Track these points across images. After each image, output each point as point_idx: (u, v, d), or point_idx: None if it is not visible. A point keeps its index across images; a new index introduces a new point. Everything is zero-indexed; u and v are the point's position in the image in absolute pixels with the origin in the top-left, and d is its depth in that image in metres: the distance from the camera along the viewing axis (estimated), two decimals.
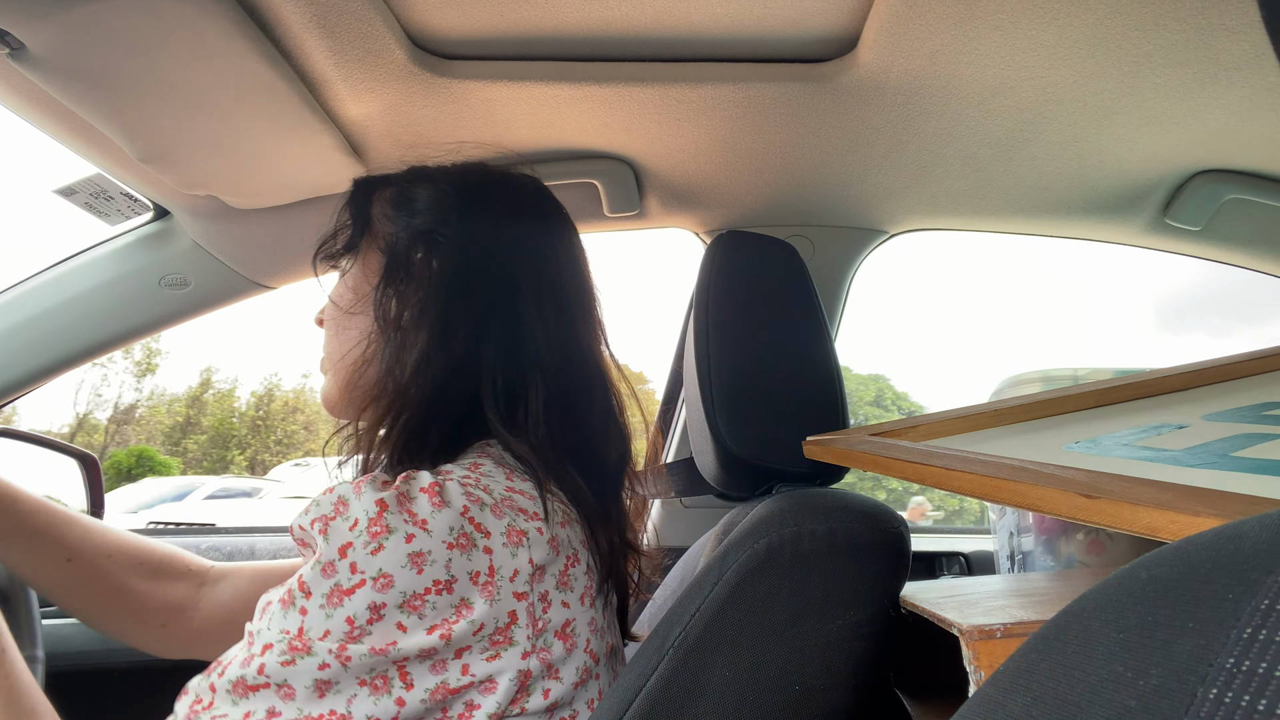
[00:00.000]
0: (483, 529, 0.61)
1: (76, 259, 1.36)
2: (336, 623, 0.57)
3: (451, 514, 0.60)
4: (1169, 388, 0.83)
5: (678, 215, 1.46)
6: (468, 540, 0.59)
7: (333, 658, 0.56)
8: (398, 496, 0.60)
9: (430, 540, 0.58)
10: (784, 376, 0.84)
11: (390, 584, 0.57)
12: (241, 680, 0.57)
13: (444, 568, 0.58)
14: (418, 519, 0.59)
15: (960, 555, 1.84)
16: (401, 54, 0.98)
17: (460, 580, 0.58)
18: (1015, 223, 1.49)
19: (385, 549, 0.57)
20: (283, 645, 0.57)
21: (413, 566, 0.57)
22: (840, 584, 0.65)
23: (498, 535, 0.61)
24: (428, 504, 0.60)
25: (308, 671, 0.56)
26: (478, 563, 0.59)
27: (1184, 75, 1.03)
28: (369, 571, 0.57)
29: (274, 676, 0.56)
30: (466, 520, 0.60)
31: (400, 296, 0.78)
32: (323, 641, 0.56)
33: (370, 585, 0.57)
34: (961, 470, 0.59)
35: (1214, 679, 0.23)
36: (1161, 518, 0.42)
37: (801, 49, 1.05)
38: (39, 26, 0.81)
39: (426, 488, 0.61)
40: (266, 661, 0.57)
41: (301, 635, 0.57)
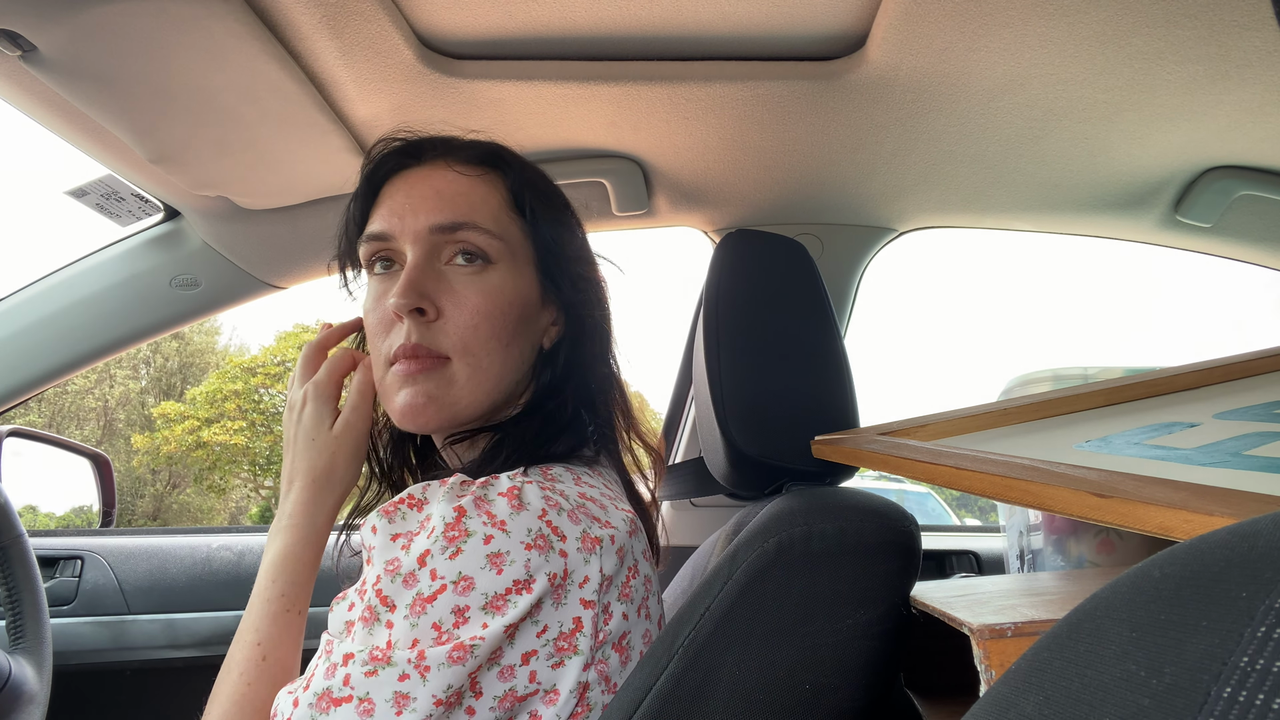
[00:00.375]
0: (559, 532, 0.60)
1: (88, 260, 1.36)
2: (423, 630, 0.56)
3: (529, 516, 0.60)
4: (1179, 386, 0.82)
5: (686, 214, 1.46)
6: (545, 542, 0.59)
7: (412, 668, 0.56)
8: (475, 500, 0.60)
9: (509, 541, 0.58)
10: (794, 375, 0.84)
11: (472, 586, 0.57)
12: (327, 692, 0.57)
13: (523, 567, 0.58)
14: (496, 520, 0.59)
15: (971, 554, 1.84)
16: (410, 54, 0.99)
17: (539, 580, 0.58)
18: (1025, 220, 1.49)
19: (464, 552, 0.57)
20: (364, 655, 0.57)
21: (492, 567, 0.57)
22: (851, 583, 0.65)
23: (573, 540, 0.61)
24: (506, 506, 0.60)
25: (389, 683, 0.56)
26: (554, 564, 0.59)
27: (1195, 72, 1.03)
28: (449, 576, 0.57)
29: (357, 689, 0.56)
30: (544, 523, 0.60)
31: (564, 320, 0.84)
32: (405, 650, 0.56)
33: (451, 590, 0.57)
34: (972, 470, 0.58)
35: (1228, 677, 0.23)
36: (1174, 517, 0.42)
37: (810, 47, 1.05)
38: (51, 29, 0.81)
39: (505, 491, 0.61)
40: (351, 672, 0.56)
41: (389, 647, 0.57)
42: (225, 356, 21.70)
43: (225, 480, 18.11)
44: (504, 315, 0.76)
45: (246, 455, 17.79)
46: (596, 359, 0.83)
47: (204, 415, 17.31)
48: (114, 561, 1.55)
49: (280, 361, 17.64)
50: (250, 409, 17.55)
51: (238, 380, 17.50)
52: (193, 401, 17.76)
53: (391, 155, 0.82)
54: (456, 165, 0.79)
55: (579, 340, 0.82)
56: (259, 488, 18.84)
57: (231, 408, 17.35)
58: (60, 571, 1.52)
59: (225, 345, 23.03)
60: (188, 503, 20.14)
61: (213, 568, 1.59)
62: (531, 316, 0.79)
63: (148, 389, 20.98)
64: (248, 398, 17.49)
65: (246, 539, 1.66)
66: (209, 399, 17.48)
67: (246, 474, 18.44)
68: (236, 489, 19.06)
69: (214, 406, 17.35)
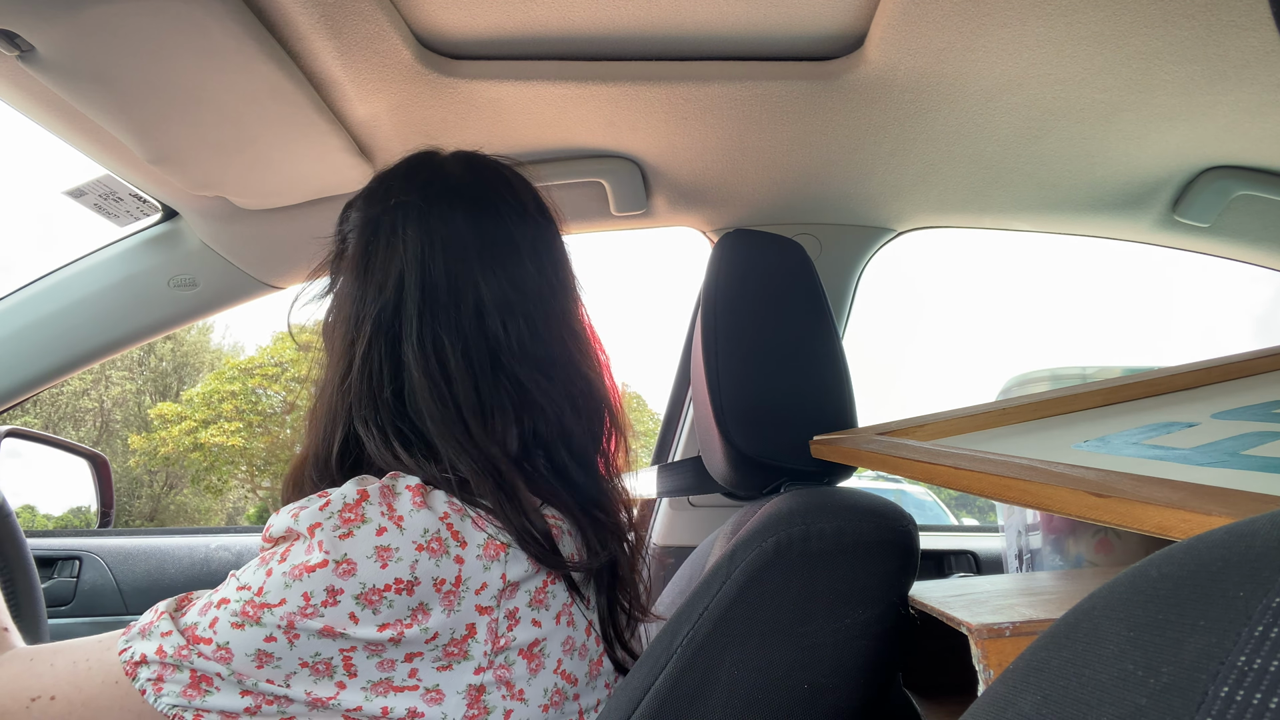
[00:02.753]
0: (460, 538, 0.60)
1: (86, 260, 1.36)
2: (293, 594, 0.57)
3: (430, 516, 0.59)
4: (1177, 386, 0.83)
5: (685, 214, 1.46)
6: (440, 546, 0.59)
7: (281, 633, 0.56)
8: (381, 490, 0.60)
9: (401, 538, 0.58)
10: (792, 375, 0.84)
11: (351, 572, 0.57)
12: (194, 628, 0.59)
13: (409, 568, 0.57)
14: (394, 514, 0.59)
15: (969, 553, 1.84)
16: (408, 54, 0.99)
17: (423, 584, 0.58)
18: (1023, 220, 1.49)
19: (354, 536, 0.57)
20: (237, 606, 0.58)
21: (378, 559, 0.57)
22: (849, 582, 0.65)
23: (474, 546, 0.60)
24: (409, 502, 0.60)
25: (252, 641, 0.57)
26: (445, 570, 0.59)
27: (1193, 72, 1.03)
28: (333, 554, 0.57)
29: (219, 636, 0.57)
30: (444, 525, 0.60)
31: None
32: (275, 612, 0.57)
33: (331, 568, 0.57)
34: (971, 469, 0.58)
35: (1225, 677, 0.23)
36: (1173, 516, 0.42)
37: (808, 47, 1.05)
38: (48, 29, 0.81)
39: (413, 487, 0.61)
40: (220, 617, 0.58)
41: (259, 598, 0.57)
42: (219, 356, 21.60)
43: (223, 481, 18.05)
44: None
45: (244, 456, 17.74)
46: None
47: (201, 416, 17.25)
48: (112, 562, 1.55)
49: (277, 362, 17.59)
50: (247, 410, 17.51)
51: (235, 381, 17.45)
52: (189, 402, 17.71)
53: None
54: None
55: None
56: (256, 488, 18.77)
57: (229, 408, 17.30)
58: (58, 572, 1.52)
59: (219, 344, 22.93)
60: (184, 503, 20.07)
61: (211, 568, 1.59)
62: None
63: (144, 389, 20.90)
64: (245, 398, 17.44)
65: (245, 539, 1.66)
66: (206, 400, 17.43)
67: (243, 475, 18.37)
68: (233, 489, 18.98)
69: (211, 408, 17.30)
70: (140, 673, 0.59)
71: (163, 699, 0.58)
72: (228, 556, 1.61)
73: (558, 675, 0.65)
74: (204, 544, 1.62)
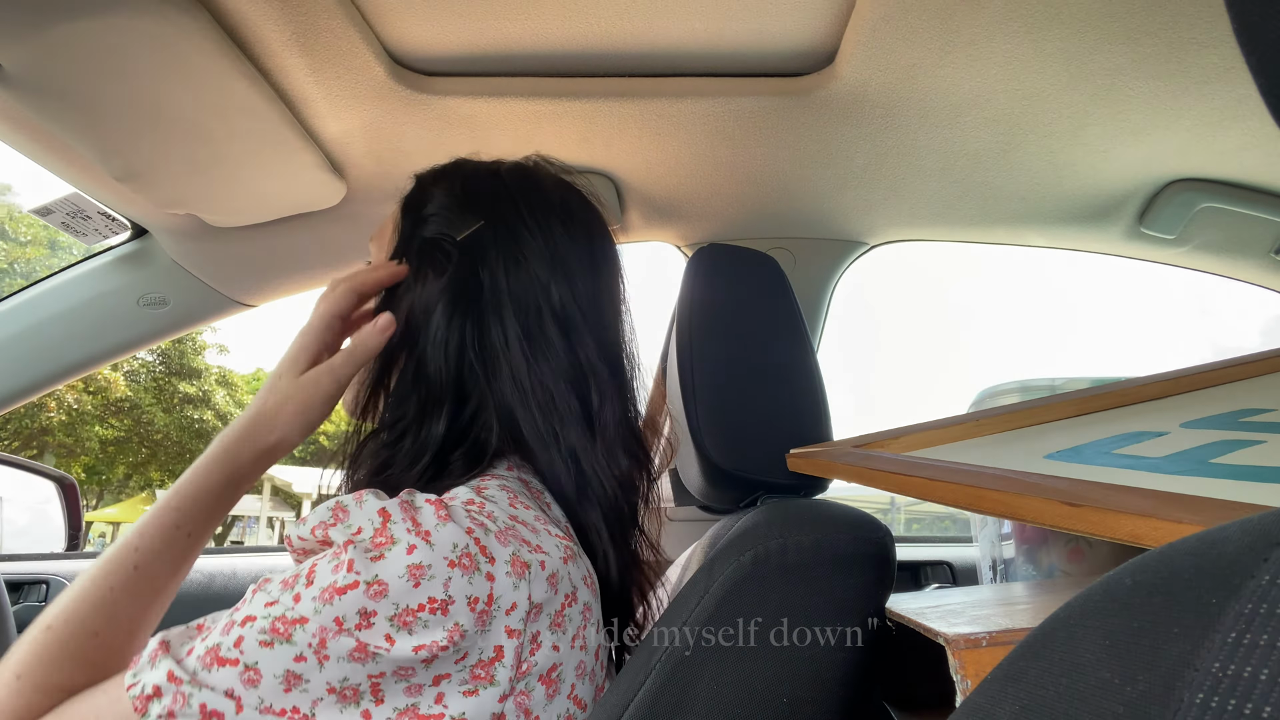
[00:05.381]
0: (488, 553, 0.58)
1: (54, 279, 1.34)
2: (325, 618, 0.54)
3: (457, 530, 0.57)
4: (1146, 396, 0.83)
5: (659, 229, 1.47)
6: (471, 562, 0.57)
7: (311, 652, 0.54)
8: (401, 506, 0.58)
9: (432, 554, 0.56)
10: (767, 388, 0.84)
11: (384, 593, 0.55)
12: (215, 649, 0.56)
13: (443, 586, 0.56)
14: (421, 529, 0.57)
15: (945, 564, 1.85)
16: (381, 71, 0.98)
17: (457, 603, 0.56)
18: (994, 233, 1.51)
19: (385, 558, 0.55)
20: (265, 623, 0.55)
21: (410, 579, 0.55)
22: (826, 595, 0.65)
23: (502, 562, 0.58)
24: (433, 516, 0.58)
25: (282, 660, 0.54)
26: (478, 588, 0.57)
27: (1156, 88, 1.05)
28: (364, 575, 0.55)
29: (247, 655, 0.54)
30: (472, 540, 0.58)
31: (390, 308, 0.77)
32: (306, 629, 0.54)
33: (364, 590, 0.55)
34: (945, 480, 0.59)
35: (1200, 683, 0.23)
36: (1145, 525, 0.43)
37: (780, 63, 1.06)
38: (15, 47, 0.80)
39: (432, 500, 0.60)
40: (246, 635, 0.55)
41: (291, 614, 0.55)
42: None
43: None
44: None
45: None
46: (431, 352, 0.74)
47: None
48: None
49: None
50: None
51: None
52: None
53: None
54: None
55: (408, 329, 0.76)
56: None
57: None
58: (25, 597, 1.49)
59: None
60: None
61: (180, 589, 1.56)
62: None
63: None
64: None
65: (216, 561, 1.64)
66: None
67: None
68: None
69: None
70: (151, 708, 0.56)
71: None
72: (199, 579, 1.58)
73: (570, 700, 0.63)
74: None
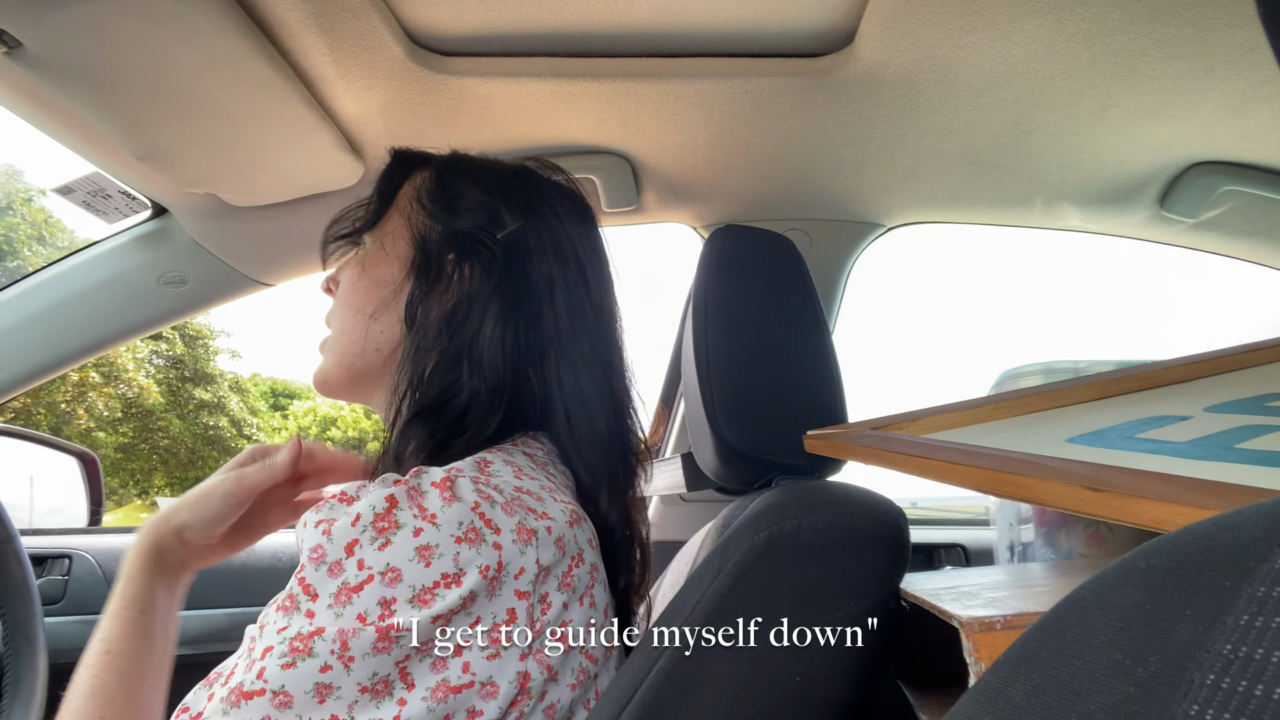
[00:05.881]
0: (493, 525, 0.60)
1: (75, 257, 1.36)
2: (347, 620, 0.55)
3: (462, 508, 0.59)
4: (1171, 379, 0.83)
5: (675, 210, 1.47)
6: (477, 535, 0.59)
7: (335, 659, 0.54)
8: (408, 491, 0.59)
9: (439, 534, 0.57)
10: (782, 370, 0.84)
11: (399, 578, 0.56)
12: (239, 687, 0.55)
13: (453, 560, 0.57)
14: (427, 513, 0.58)
15: (959, 546, 1.85)
16: (399, 50, 0.98)
17: (469, 573, 0.57)
18: (1013, 215, 1.50)
19: (393, 544, 0.56)
20: (284, 647, 0.55)
21: (420, 560, 0.56)
22: (840, 576, 0.65)
23: (508, 531, 0.60)
24: (438, 499, 0.59)
25: (308, 675, 0.54)
26: (487, 556, 0.58)
27: (1179, 69, 1.03)
28: (376, 567, 0.56)
29: (271, 682, 0.54)
30: (477, 515, 0.59)
31: (428, 296, 0.77)
32: (325, 640, 0.54)
33: (379, 580, 0.56)
34: (965, 464, 0.59)
35: (1211, 665, 0.23)
36: (1168, 510, 0.42)
37: (799, 43, 1.05)
38: (36, 24, 0.81)
39: (438, 482, 0.60)
40: (267, 665, 0.55)
41: (307, 629, 0.55)
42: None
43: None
44: (355, 287, 0.82)
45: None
46: (498, 332, 0.76)
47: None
48: (103, 560, 1.54)
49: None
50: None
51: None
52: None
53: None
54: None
55: (468, 308, 0.77)
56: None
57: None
58: (49, 570, 1.52)
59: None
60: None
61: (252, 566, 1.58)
62: (395, 287, 0.80)
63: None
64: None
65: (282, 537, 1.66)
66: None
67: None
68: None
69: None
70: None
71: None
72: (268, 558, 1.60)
73: (583, 655, 0.65)
74: None
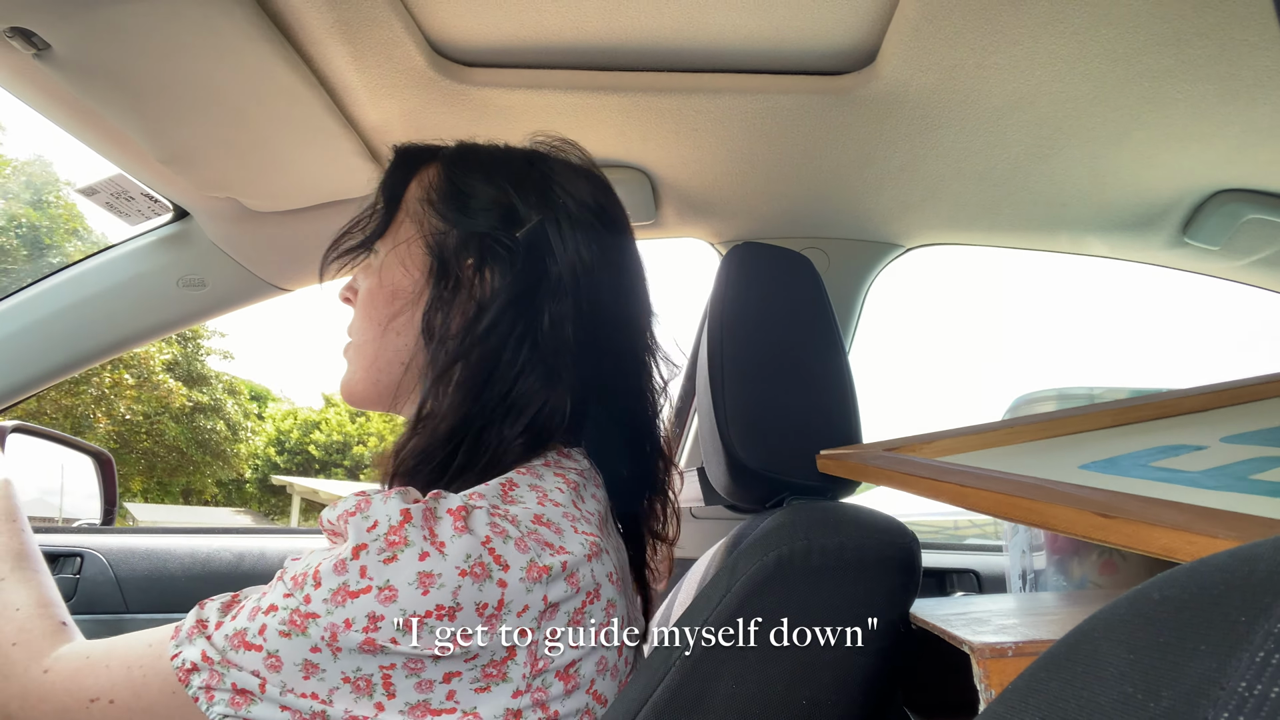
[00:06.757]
0: (501, 562, 0.59)
1: (96, 258, 1.37)
2: (336, 619, 0.56)
3: (472, 541, 0.58)
4: (1187, 409, 0.82)
5: (693, 225, 1.47)
6: (483, 570, 0.58)
7: (325, 644, 0.56)
8: (424, 511, 0.59)
9: (444, 563, 0.57)
10: (797, 389, 0.84)
11: (393, 598, 0.56)
12: (242, 634, 0.58)
13: (451, 594, 0.56)
14: (436, 540, 0.58)
15: (971, 572, 1.83)
16: (422, 60, 0.99)
17: (465, 609, 0.57)
18: (1032, 239, 1.49)
19: (398, 560, 0.56)
20: (285, 614, 0.57)
21: (419, 586, 0.56)
22: (850, 598, 0.64)
23: (516, 569, 0.59)
24: (450, 527, 0.58)
25: (300, 649, 0.57)
26: (488, 594, 0.58)
27: (1206, 91, 1.03)
28: (377, 580, 0.56)
29: (269, 643, 0.57)
30: (486, 550, 0.58)
31: (448, 305, 0.74)
32: (318, 625, 0.56)
33: (374, 594, 0.56)
34: (977, 487, 0.58)
35: (1225, 703, 0.23)
36: (1178, 539, 0.42)
37: (821, 61, 1.05)
38: (65, 27, 0.82)
39: (454, 509, 0.60)
40: (269, 624, 0.58)
41: (305, 607, 0.57)
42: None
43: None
44: (373, 298, 0.79)
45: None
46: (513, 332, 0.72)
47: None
48: (113, 560, 1.55)
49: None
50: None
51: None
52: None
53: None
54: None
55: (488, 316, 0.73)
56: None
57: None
58: (61, 569, 1.52)
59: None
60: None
61: (211, 568, 1.58)
62: (413, 297, 0.77)
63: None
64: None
65: (246, 541, 1.66)
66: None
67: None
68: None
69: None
70: (193, 680, 0.59)
71: (214, 708, 0.58)
72: (229, 558, 1.60)
73: (589, 695, 0.64)
74: (205, 545, 1.62)
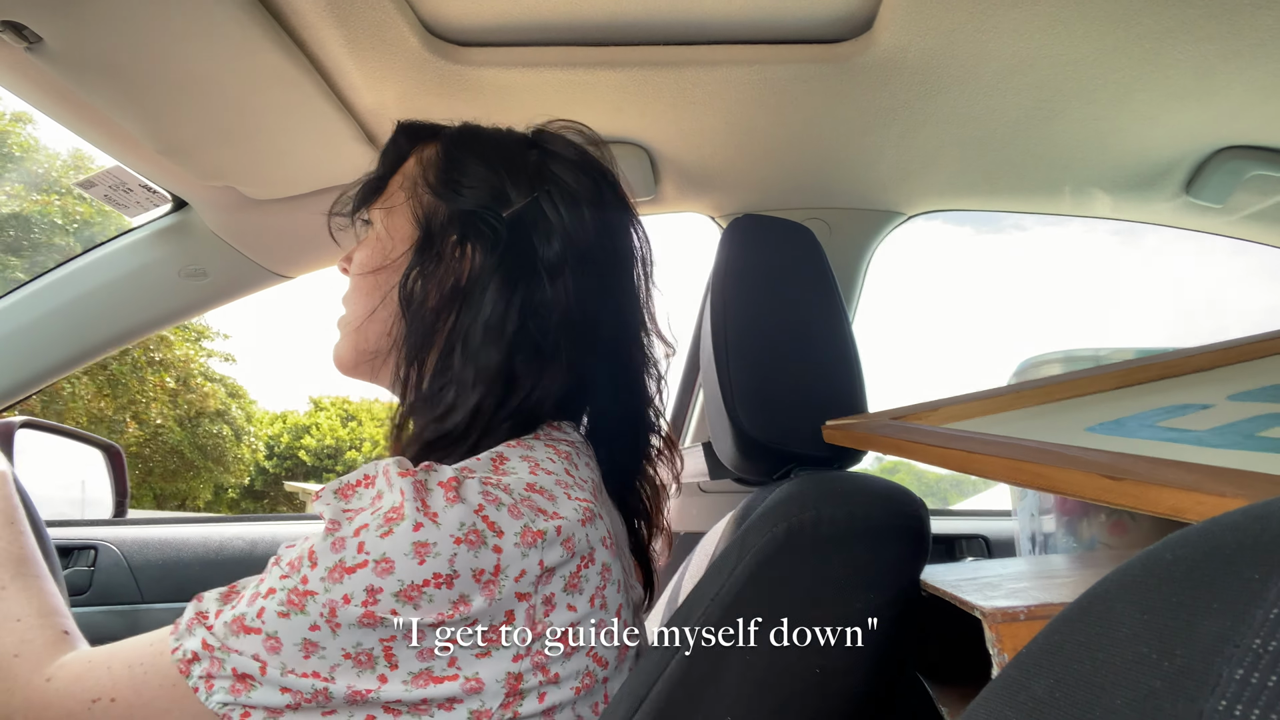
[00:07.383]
0: (496, 528, 0.60)
1: (97, 251, 1.37)
2: (334, 595, 0.57)
3: (465, 509, 0.59)
4: (1193, 368, 0.82)
5: (693, 199, 1.46)
6: (478, 537, 0.59)
7: (324, 621, 0.57)
8: (415, 485, 0.60)
9: (438, 533, 0.58)
10: (801, 360, 0.84)
11: (390, 570, 0.57)
12: (240, 619, 0.59)
13: (448, 562, 0.57)
14: (429, 510, 0.58)
15: (981, 537, 1.84)
16: (415, 41, 0.98)
17: (462, 576, 0.58)
18: (1035, 201, 1.48)
19: (393, 534, 0.57)
20: (283, 595, 0.58)
21: (415, 556, 0.57)
22: (860, 567, 0.65)
23: (511, 535, 0.60)
24: (442, 498, 0.59)
25: (299, 629, 0.57)
26: (484, 560, 0.58)
27: (1207, 51, 1.02)
28: (373, 554, 0.57)
29: (268, 625, 0.58)
30: (480, 518, 0.59)
31: (426, 277, 0.74)
32: (317, 600, 0.57)
33: (371, 568, 0.57)
34: (984, 453, 0.58)
35: (1240, 659, 0.23)
36: (1187, 499, 0.42)
37: (817, 29, 1.04)
38: (56, 20, 0.81)
39: (445, 482, 0.61)
40: (267, 606, 0.58)
41: (303, 586, 0.58)
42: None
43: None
44: (362, 267, 0.80)
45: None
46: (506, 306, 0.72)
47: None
48: (128, 551, 1.56)
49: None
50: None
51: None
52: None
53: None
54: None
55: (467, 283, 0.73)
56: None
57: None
58: (75, 561, 1.53)
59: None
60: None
61: (224, 556, 1.60)
62: (397, 266, 0.77)
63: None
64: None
65: (259, 528, 1.67)
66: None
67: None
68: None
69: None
70: (193, 670, 0.60)
71: (214, 696, 0.59)
72: (242, 545, 1.61)
73: (589, 658, 0.65)
74: (218, 533, 1.63)
